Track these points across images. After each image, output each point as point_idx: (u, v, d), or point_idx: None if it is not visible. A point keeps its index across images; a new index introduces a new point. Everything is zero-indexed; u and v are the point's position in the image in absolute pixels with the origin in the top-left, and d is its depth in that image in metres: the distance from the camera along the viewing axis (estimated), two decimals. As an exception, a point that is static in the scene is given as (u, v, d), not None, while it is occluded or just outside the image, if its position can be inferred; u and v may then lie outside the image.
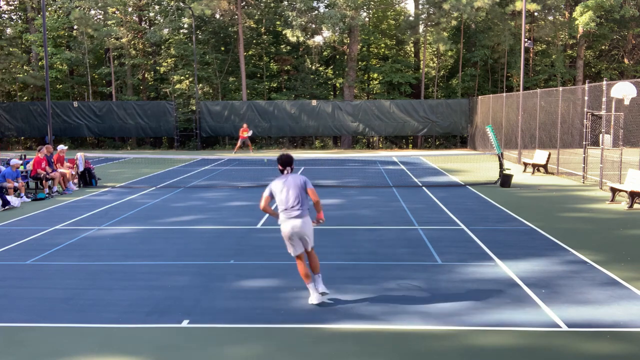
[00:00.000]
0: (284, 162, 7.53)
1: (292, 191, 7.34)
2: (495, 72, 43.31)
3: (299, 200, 7.32)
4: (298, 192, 7.35)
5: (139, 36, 43.18)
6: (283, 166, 7.54)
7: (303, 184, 7.44)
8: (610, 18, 40.20)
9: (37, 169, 16.97)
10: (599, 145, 17.20)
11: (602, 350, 5.89)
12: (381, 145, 42.23)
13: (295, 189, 7.36)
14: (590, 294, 7.54)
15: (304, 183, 7.45)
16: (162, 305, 7.27)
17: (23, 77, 41.41)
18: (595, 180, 18.03)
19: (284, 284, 8.09)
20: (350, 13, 36.94)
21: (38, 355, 5.91)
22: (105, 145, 41.77)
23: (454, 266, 8.92)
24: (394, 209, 14.12)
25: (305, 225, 7.30)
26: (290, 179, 7.45)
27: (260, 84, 42.27)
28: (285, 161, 7.54)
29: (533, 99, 24.17)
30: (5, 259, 9.65)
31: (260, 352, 5.92)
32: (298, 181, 7.43)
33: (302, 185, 7.41)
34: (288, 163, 7.55)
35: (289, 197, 7.33)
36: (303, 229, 7.29)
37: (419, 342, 6.10)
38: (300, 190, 7.37)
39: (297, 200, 7.32)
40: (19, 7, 46.17)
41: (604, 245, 10.25)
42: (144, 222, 12.79)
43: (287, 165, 7.53)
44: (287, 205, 7.32)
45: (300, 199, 7.35)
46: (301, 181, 7.45)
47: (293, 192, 7.34)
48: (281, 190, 7.40)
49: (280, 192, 7.40)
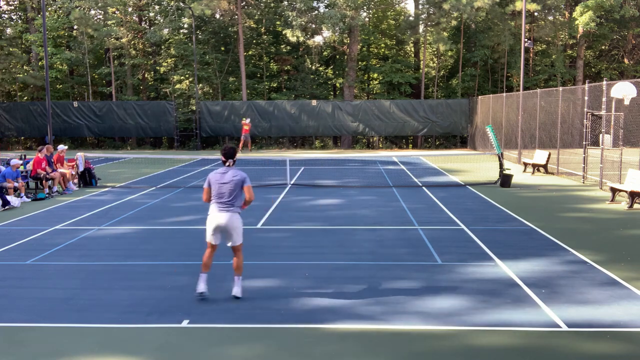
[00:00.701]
0: (226, 154, 7.58)
1: (228, 185, 7.40)
2: (495, 72, 43.31)
3: (233, 196, 7.41)
4: (233, 187, 7.40)
5: (139, 36, 43.17)
6: (225, 158, 7.58)
7: (241, 180, 7.47)
8: (610, 18, 40.20)
9: (37, 169, 16.97)
10: (599, 145, 17.20)
11: (602, 350, 5.89)
12: (381, 145, 42.23)
13: (231, 184, 7.41)
14: (590, 294, 7.54)
15: (242, 180, 7.48)
16: (162, 305, 7.27)
17: (23, 77, 41.41)
18: (595, 180, 18.03)
19: (284, 284, 8.09)
20: (350, 13, 36.94)
21: (38, 355, 5.91)
22: (105, 145, 41.76)
23: (454, 266, 8.92)
24: (394, 209, 14.12)
25: (231, 221, 7.38)
26: (230, 173, 7.48)
27: (260, 84, 42.27)
28: (227, 153, 7.58)
29: (533, 99, 24.17)
30: (5, 259, 9.65)
31: (260, 352, 5.92)
32: (237, 177, 7.46)
33: (239, 182, 7.45)
34: (230, 155, 7.58)
35: (223, 191, 7.40)
36: (228, 224, 7.38)
37: (419, 342, 6.10)
38: (235, 186, 7.42)
39: (231, 195, 7.40)
40: (19, 7, 46.16)
41: (604, 245, 10.26)
42: (144, 222, 12.79)
43: (229, 158, 7.57)
44: (220, 198, 7.41)
45: (234, 194, 7.42)
46: (240, 177, 7.48)
47: (229, 186, 7.40)
48: (217, 182, 7.47)
49: (216, 183, 7.47)
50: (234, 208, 7.42)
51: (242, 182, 7.44)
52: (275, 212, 13.84)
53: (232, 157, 7.58)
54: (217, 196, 7.44)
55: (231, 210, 7.39)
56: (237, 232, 7.47)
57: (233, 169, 7.54)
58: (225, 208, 7.39)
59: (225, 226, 7.39)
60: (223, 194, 7.40)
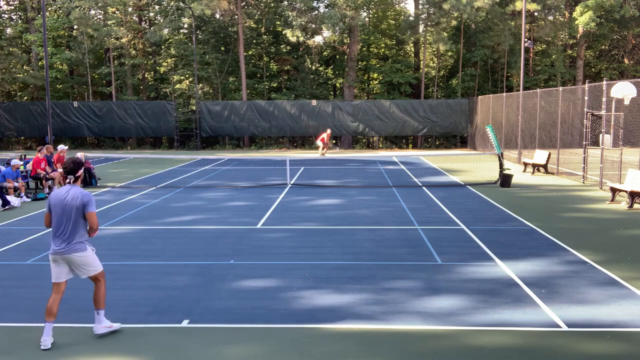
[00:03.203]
0: (65, 169, 6.12)
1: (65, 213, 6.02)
2: (495, 72, 43.31)
3: (69, 228, 6.02)
4: (72, 215, 5.99)
5: (139, 36, 43.18)
6: (66, 174, 6.11)
7: (81, 204, 5.98)
8: (610, 18, 40.20)
9: (36, 169, 16.97)
10: (599, 145, 17.20)
11: (602, 350, 5.89)
12: (381, 145, 42.23)
13: (70, 210, 5.99)
14: (590, 294, 7.54)
15: (82, 204, 5.98)
16: (162, 305, 7.27)
17: (23, 77, 41.42)
18: (595, 180, 18.03)
19: (284, 284, 8.08)
20: (350, 13, 36.94)
21: (38, 355, 5.90)
22: (105, 145, 41.77)
23: (454, 266, 8.92)
24: (394, 209, 14.12)
25: (76, 260, 6.10)
26: (70, 194, 6.05)
27: (260, 84, 42.28)
28: (68, 169, 6.11)
29: (533, 99, 24.17)
30: (5, 259, 9.65)
31: (260, 352, 5.92)
32: (76, 200, 5.98)
33: (79, 206, 5.99)
34: (71, 171, 6.11)
35: (60, 221, 6.05)
36: (75, 263, 6.11)
37: (419, 342, 6.10)
38: (74, 212, 6.00)
39: (67, 226, 6.02)
40: (19, 7, 46.17)
41: (604, 245, 10.25)
42: (144, 222, 12.79)
43: (69, 174, 6.12)
44: (57, 231, 6.09)
45: (71, 225, 6.00)
46: (79, 200, 5.97)
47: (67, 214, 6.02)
48: (54, 207, 6.08)
49: (54, 209, 6.10)
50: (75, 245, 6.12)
51: (82, 207, 6.03)
52: (275, 212, 13.84)
53: (73, 172, 6.13)
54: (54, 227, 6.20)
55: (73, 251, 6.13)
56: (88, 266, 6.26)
57: (74, 188, 6.15)
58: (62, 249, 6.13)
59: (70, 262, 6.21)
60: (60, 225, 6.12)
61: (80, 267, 6.17)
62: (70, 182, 6.14)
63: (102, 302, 6.28)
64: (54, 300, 6.14)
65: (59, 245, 6.07)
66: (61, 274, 6.16)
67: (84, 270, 6.20)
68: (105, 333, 6.26)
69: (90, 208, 6.02)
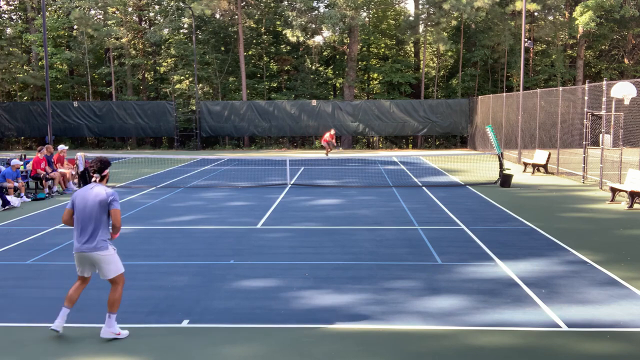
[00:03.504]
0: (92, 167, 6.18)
1: (88, 211, 6.02)
2: (495, 72, 43.32)
3: (92, 226, 6.02)
4: (95, 213, 6.01)
5: (139, 36, 43.19)
6: (92, 173, 6.17)
7: (105, 202, 6.00)
8: (610, 18, 40.20)
9: (36, 169, 16.97)
10: (599, 145, 17.20)
11: (602, 350, 5.89)
12: (381, 145, 42.23)
13: (93, 208, 6.01)
14: (590, 294, 7.54)
15: (107, 201, 6.00)
16: (162, 305, 7.27)
17: (23, 77, 41.42)
18: (595, 180, 18.03)
19: (284, 284, 8.08)
20: (350, 13, 36.94)
21: (38, 355, 5.90)
22: (105, 145, 41.77)
23: (454, 266, 8.92)
24: (394, 209, 14.12)
25: (98, 259, 6.13)
26: (94, 191, 6.07)
27: (260, 84, 42.29)
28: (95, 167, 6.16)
29: (533, 99, 24.17)
30: (5, 259, 9.65)
31: (260, 352, 5.92)
32: (101, 197, 6.00)
33: (103, 203, 6.01)
34: (98, 170, 6.15)
35: (84, 218, 6.05)
36: (97, 261, 6.14)
37: (419, 342, 6.10)
38: (98, 210, 6.01)
39: (90, 224, 6.02)
40: (19, 7, 46.18)
41: (604, 245, 10.25)
42: (144, 222, 12.79)
43: (96, 172, 6.15)
44: (80, 229, 6.10)
45: (94, 223, 6.01)
46: (104, 198, 6.00)
47: (89, 212, 6.02)
48: (78, 204, 6.10)
49: (77, 206, 6.11)
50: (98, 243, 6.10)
51: (107, 205, 6.06)
52: (275, 212, 13.84)
53: (100, 171, 6.17)
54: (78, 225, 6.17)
55: (96, 249, 6.12)
56: (107, 267, 6.22)
57: (97, 186, 6.19)
58: (87, 247, 6.15)
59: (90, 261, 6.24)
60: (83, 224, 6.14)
61: (102, 266, 6.16)
62: (95, 181, 6.17)
63: (116, 307, 6.23)
64: (77, 288, 6.27)
65: (82, 243, 6.10)
66: (84, 271, 6.27)
67: (106, 269, 6.19)
68: (110, 338, 6.20)
69: (115, 205, 6.04)
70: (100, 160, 6.21)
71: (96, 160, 6.20)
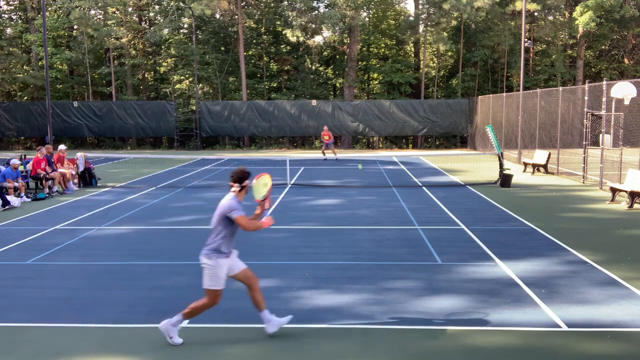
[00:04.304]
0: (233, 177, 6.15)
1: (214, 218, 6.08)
2: (495, 72, 43.32)
3: (213, 233, 6.07)
4: (216, 220, 6.04)
5: (139, 36, 43.18)
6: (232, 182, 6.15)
7: (227, 209, 5.96)
8: (610, 18, 40.20)
9: (36, 169, 16.97)
10: (599, 145, 17.20)
11: (602, 350, 5.89)
12: (381, 145, 42.23)
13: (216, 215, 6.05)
14: (590, 294, 7.54)
15: (226, 210, 5.96)
16: (162, 305, 7.27)
17: (23, 77, 41.42)
18: (595, 180, 18.03)
19: (284, 284, 8.08)
20: (350, 13, 36.94)
21: (38, 355, 5.90)
22: (105, 145, 41.77)
23: (454, 266, 8.92)
24: (394, 209, 14.12)
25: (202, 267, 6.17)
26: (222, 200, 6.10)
27: (260, 84, 42.30)
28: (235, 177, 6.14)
29: (533, 99, 24.17)
30: (5, 259, 9.65)
31: (260, 352, 5.92)
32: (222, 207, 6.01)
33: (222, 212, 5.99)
34: (237, 180, 6.12)
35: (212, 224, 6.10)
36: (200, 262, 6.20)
37: (419, 342, 6.10)
38: (218, 217, 6.02)
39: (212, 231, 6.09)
40: (19, 7, 46.18)
41: (604, 245, 10.25)
42: (144, 222, 12.79)
43: (236, 182, 6.14)
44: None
45: (215, 231, 6.04)
46: (224, 208, 5.98)
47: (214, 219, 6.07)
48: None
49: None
50: (206, 248, 6.17)
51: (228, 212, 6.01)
52: (275, 212, 13.83)
53: (240, 180, 6.13)
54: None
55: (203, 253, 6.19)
56: (205, 276, 6.20)
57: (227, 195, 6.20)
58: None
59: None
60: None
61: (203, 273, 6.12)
62: (235, 192, 6.10)
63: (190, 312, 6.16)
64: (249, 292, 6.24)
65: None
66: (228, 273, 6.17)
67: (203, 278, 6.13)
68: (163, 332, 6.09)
69: (235, 213, 5.93)
70: (242, 170, 6.15)
71: (238, 170, 6.15)
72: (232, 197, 6.06)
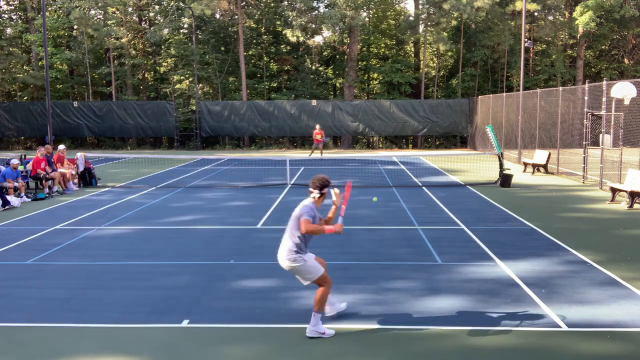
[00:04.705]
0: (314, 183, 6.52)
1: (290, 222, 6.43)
2: (495, 72, 43.32)
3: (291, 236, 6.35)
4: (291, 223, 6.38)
5: (139, 36, 43.18)
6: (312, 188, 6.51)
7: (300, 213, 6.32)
8: (610, 18, 40.21)
9: (36, 169, 16.97)
10: (599, 145, 17.20)
11: (602, 350, 5.89)
12: (381, 145, 42.23)
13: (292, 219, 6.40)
14: (590, 294, 7.54)
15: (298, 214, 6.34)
16: (162, 305, 7.27)
17: (23, 77, 41.42)
18: (595, 180, 18.03)
19: (284, 284, 8.08)
20: (350, 13, 36.95)
21: (38, 355, 5.90)
22: (105, 145, 41.78)
23: (454, 266, 8.92)
24: (394, 209, 14.11)
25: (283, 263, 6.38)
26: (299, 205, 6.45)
27: (260, 84, 42.30)
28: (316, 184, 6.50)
29: (533, 99, 24.17)
30: (5, 259, 9.65)
31: (260, 352, 5.92)
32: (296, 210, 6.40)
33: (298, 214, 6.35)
34: (317, 187, 6.48)
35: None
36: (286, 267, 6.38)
37: (419, 342, 6.10)
38: (292, 220, 6.37)
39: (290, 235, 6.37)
40: (19, 7, 46.18)
41: (603, 245, 10.25)
42: (144, 222, 12.79)
43: (315, 189, 6.48)
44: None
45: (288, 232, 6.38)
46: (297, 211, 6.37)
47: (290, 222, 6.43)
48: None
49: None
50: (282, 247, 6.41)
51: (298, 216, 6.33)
52: (275, 212, 13.84)
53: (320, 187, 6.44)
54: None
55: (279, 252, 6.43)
56: (301, 274, 6.40)
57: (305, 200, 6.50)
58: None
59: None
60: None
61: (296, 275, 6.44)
62: (314, 199, 6.46)
63: (318, 305, 6.25)
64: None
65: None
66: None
67: (301, 278, 6.42)
68: (314, 337, 6.18)
69: (304, 216, 6.21)
70: (324, 178, 6.47)
71: (320, 177, 6.46)
72: (309, 202, 6.43)
